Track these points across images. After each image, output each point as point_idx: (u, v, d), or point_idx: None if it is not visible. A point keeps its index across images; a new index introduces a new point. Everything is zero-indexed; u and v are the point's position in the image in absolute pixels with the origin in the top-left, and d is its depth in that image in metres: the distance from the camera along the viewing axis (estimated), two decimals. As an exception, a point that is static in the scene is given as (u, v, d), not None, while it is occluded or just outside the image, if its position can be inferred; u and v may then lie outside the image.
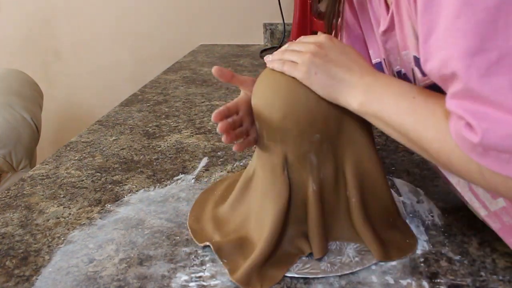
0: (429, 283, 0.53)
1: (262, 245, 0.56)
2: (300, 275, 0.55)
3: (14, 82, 1.47)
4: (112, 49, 1.87)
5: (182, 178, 0.79)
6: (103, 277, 0.56)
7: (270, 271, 0.56)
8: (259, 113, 0.59)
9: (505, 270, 0.55)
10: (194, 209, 0.69)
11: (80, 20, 1.85)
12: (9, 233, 0.66)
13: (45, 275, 0.57)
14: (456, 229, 0.63)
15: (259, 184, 0.61)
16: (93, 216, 0.69)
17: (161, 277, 0.56)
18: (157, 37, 1.81)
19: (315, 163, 0.57)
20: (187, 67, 1.50)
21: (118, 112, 1.11)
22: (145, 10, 1.78)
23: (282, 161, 0.58)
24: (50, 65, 1.95)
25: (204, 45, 1.78)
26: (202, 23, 1.77)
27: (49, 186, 0.78)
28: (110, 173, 0.82)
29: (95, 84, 1.94)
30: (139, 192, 0.75)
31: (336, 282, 0.54)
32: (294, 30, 1.43)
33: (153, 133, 0.99)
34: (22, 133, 1.32)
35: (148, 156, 0.88)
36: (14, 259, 0.60)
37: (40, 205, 0.73)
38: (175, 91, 1.26)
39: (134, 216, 0.69)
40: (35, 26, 1.89)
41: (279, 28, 1.68)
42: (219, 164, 0.84)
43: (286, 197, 0.58)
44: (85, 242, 0.63)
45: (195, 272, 0.56)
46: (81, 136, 0.98)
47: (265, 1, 1.66)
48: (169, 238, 0.63)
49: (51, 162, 0.87)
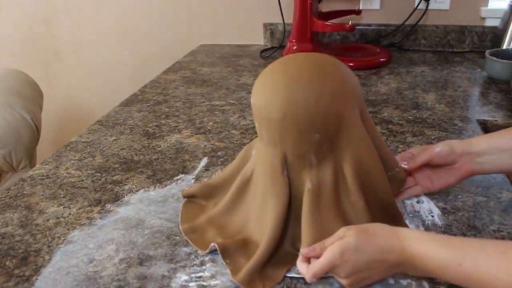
0: (429, 283, 0.53)
1: (263, 246, 0.56)
2: (300, 275, 0.55)
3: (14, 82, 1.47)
4: (112, 49, 1.87)
5: (182, 178, 0.79)
6: (103, 277, 0.56)
7: (271, 271, 0.56)
8: (258, 113, 0.59)
9: (505, 270, 0.54)
10: (184, 221, 0.67)
11: (80, 20, 1.85)
12: (9, 233, 0.66)
13: (45, 275, 0.57)
14: (456, 229, 0.63)
15: (259, 185, 0.61)
16: (93, 216, 0.69)
17: (161, 277, 0.56)
18: (157, 37, 1.81)
19: (314, 163, 0.57)
20: (187, 67, 1.50)
21: (118, 112, 1.11)
22: (145, 10, 1.78)
23: (281, 161, 0.58)
24: (50, 65, 1.95)
25: (204, 45, 1.78)
26: (202, 23, 1.77)
27: (49, 186, 0.78)
28: (110, 173, 0.82)
29: (95, 84, 1.94)
30: (139, 192, 0.75)
31: (336, 282, 0.54)
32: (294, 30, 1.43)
33: (153, 133, 0.99)
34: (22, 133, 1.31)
35: (148, 156, 0.88)
36: (14, 259, 0.60)
37: (40, 205, 0.73)
38: (175, 91, 1.26)
39: (134, 216, 0.69)
40: (35, 26, 1.89)
41: (279, 28, 1.68)
42: (219, 164, 0.84)
43: (287, 196, 0.58)
44: (85, 242, 0.63)
45: (195, 272, 0.56)
46: (81, 136, 0.98)
47: (265, 1, 1.66)
48: (169, 238, 0.63)
49: (51, 162, 0.87)
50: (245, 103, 1.14)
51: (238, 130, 0.98)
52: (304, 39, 1.41)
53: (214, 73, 1.41)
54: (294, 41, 1.43)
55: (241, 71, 1.41)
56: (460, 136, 0.91)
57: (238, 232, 0.62)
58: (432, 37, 1.56)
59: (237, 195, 0.65)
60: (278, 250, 0.58)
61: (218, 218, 0.65)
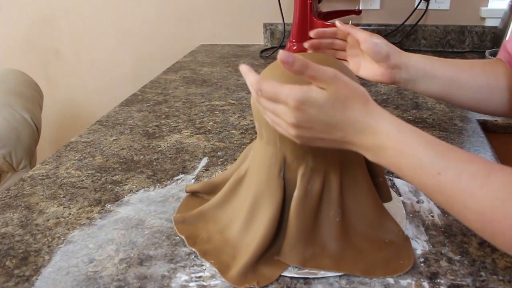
0: (429, 283, 0.53)
1: (257, 243, 0.56)
2: (300, 275, 0.55)
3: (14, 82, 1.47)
4: (112, 49, 1.87)
5: (182, 178, 0.79)
6: (103, 277, 0.56)
7: (265, 270, 0.56)
8: (258, 112, 0.59)
9: (505, 270, 0.55)
10: (178, 211, 0.69)
11: (80, 20, 1.85)
12: (9, 233, 0.66)
13: (45, 275, 0.57)
14: (456, 229, 0.63)
15: (252, 185, 0.61)
16: (93, 216, 0.69)
17: (161, 277, 0.56)
18: (157, 37, 1.81)
19: (310, 166, 0.57)
20: (187, 67, 1.50)
21: (118, 112, 1.11)
22: (145, 10, 1.78)
23: (280, 161, 0.58)
24: (50, 65, 1.95)
25: (204, 45, 1.78)
26: (202, 23, 1.77)
27: (49, 186, 0.78)
28: (110, 173, 0.82)
29: (95, 84, 1.94)
30: (139, 192, 0.75)
31: (336, 282, 0.54)
32: (294, 30, 1.43)
33: (153, 133, 0.99)
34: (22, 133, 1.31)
35: (148, 156, 0.88)
36: (14, 259, 0.60)
37: (40, 205, 0.73)
38: (175, 91, 1.26)
39: (134, 216, 0.69)
40: (35, 26, 1.89)
41: (279, 28, 1.68)
42: (219, 164, 0.84)
43: (281, 196, 0.58)
44: (85, 242, 0.63)
45: (195, 272, 0.56)
46: (81, 136, 0.98)
47: (265, 1, 1.66)
48: (169, 238, 0.63)
49: (51, 162, 0.87)
50: (245, 103, 1.14)
51: (238, 130, 0.98)
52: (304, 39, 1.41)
53: (214, 73, 1.41)
54: (294, 41, 1.44)
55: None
56: (460, 136, 0.91)
57: (222, 230, 0.62)
58: (432, 37, 1.56)
59: (229, 191, 0.65)
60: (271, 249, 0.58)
61: (208, 212, 0.66)
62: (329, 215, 0.58)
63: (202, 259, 0.58)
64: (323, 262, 0.56)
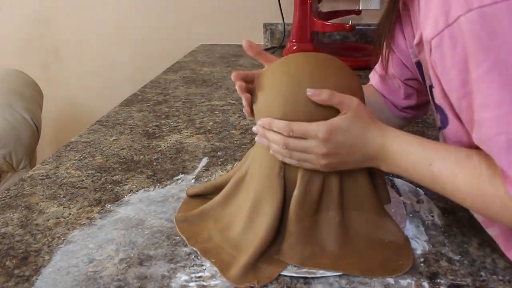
0: (429, 283, 0.53)
1: (257, 243, 0.57)
2: (300, 275, 0.55)
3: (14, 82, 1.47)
4: (112, 49, 1.87)
5: (182, 178, 0.79)
6: (103, 277, 0.56)
7: (265, 269, 0.56)
8: (259, 112, 0.59)
9: (505, 270, 0.55)
10: (180, 210, 0.69)
11: (80, 20, 1.85)
12: (9, 233, 0.66)
13: (45, 275, 0.57)
14: (456, 229, 0.63)
15: (252, 184, 0.61)
16: (93, 216, 0.69)
17: (161, 277, 0.56)
18: (157, 37, 1.81)
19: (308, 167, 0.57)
20: (187, 67, 1.50)
21: (118, 112, 1.11)
22: (145, 10, 1.78)
23: (280, 161, 0.58)
24: (50, 65, 1.95)
25: (204, 45, 1.78)
26: (202, 23, 1.77)
27: (49, 186, 0.78)
28: (110, 173, 0.82)
29: (95, 84, 1.94)
30: (139, 192, 0.75)
31: (336, 282, 0.54)
32: (294, 30, 1.43)
33: (153, 133, 0.99)
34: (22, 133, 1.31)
35: (148, 156, 0.88)
36: (14, 259, 0.60)
37: (40, 205, 0.73)
38: (175, 91, 1.26)
39: (134, 216, 0.69)
40: (35, 26, 1.89)
41: (279, 28, 1.68)
42: (219, 164, 0.84)
43: (281, 196, 0.58)
44: (85, 242, 0.63)
45: (195, 272, 0.56)
46: (81, 136, 0.98)
47: (265, 1, 1.66)
48: (169, 238, 0.63)
49: (51, 162, 0.87)
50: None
51: (238, 130, 0.98)
52: (304, 39, 1.41)
53: (214, 73, 1.41)
54: (294, 41, 1.44)
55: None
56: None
57: (223, 229, 0.62)
58: (432, 37, 1.55)
59: (230, 191, 0.65)
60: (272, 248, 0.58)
61: (210, 211, 0.66)
62: (329, 215, 0.58)
63: (203, 258, 0.58)
64: (322, 262, 0.56)
